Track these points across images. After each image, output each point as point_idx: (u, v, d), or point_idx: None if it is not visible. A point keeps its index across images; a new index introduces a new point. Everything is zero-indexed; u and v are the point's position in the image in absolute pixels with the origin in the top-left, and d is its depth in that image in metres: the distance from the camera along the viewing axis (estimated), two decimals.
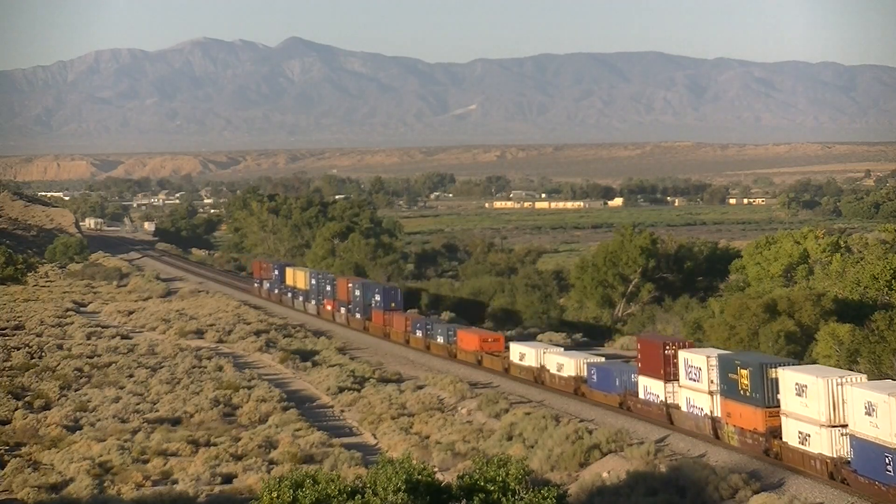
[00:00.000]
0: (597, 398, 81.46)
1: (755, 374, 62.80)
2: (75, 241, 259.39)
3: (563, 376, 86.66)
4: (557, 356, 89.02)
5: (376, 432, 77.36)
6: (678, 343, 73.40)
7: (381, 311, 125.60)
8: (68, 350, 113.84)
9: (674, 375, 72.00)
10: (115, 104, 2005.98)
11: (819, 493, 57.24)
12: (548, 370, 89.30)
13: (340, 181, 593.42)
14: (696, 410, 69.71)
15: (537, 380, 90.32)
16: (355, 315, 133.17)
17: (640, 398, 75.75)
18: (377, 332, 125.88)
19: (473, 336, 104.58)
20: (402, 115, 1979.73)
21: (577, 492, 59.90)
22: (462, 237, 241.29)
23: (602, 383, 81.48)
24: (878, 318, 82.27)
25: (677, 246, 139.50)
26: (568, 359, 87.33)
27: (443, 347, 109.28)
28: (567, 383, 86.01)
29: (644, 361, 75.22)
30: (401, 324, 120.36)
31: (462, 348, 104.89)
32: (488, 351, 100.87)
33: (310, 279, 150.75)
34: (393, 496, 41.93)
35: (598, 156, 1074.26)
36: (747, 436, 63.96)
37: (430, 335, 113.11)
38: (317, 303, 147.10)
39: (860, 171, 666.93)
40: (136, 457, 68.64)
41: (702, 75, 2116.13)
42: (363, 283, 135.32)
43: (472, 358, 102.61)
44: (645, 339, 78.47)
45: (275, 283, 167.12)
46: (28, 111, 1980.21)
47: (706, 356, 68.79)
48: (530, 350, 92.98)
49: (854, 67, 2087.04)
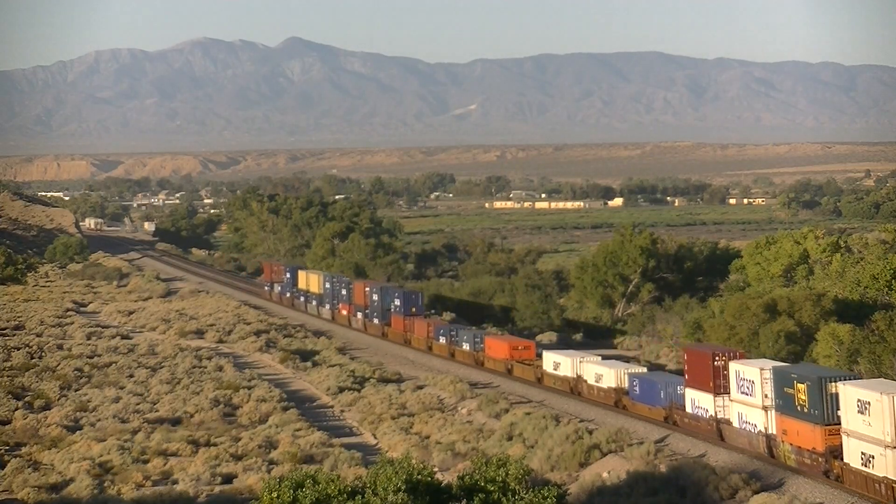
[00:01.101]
0: (640, 412, 76.46)
1: (813, 388, 58.50)
2: (75, 241, 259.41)
3: (603, 388, 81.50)
4: (596, 366, 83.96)
5: (376, 432, 77.35)
6: (728, 353, 68.69)
7: (400, 316, 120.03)
8: (68, 350, 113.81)
9: (724, 388, 67.39)
10: (115, 104, 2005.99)
11: (819, 493, 57.23)
12: (585, 381, 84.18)
13: (340, 181, 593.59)
14: (749, 427, 65.06)
15: (573, 391, 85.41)
16: (373, 320, 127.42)
17: (687, 412, 71.17)
18: (397, 338, 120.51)
19: (503, 343, 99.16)
20: (402, 115, 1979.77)
21: (577, 492, 59.90)
22: (462, 237, 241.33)
23: (646, 396, 76.38)
24: (878, 318, 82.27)
25: (677, 246, 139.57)
26: (607, 369, 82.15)
27: (469, 355, 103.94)
28: (607, 395, 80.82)
29: (691, 373, 70.54)
30: (423, 330, 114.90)
31: (490, 356, 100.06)
32: (519, 359, 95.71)
33: (324, 283, 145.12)
34: (393, 496, 41.93)
35: (598, 156, 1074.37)
36: (805, 455, 59.36)
37: (454, 342, 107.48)
38: (331, 307, 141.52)
39: (860, 171, 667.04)
40: (136, 457, 68.63)
41: (702, 75, 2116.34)
42: (381, 287, 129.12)
43: (501, 367, 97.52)
44: (692, 348, 73.56)
45: (286, 286, 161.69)
46: (28, 111, 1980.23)
47: (759, 368, 64.16)
48: (565, 359, 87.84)
49: (854, 67, 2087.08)
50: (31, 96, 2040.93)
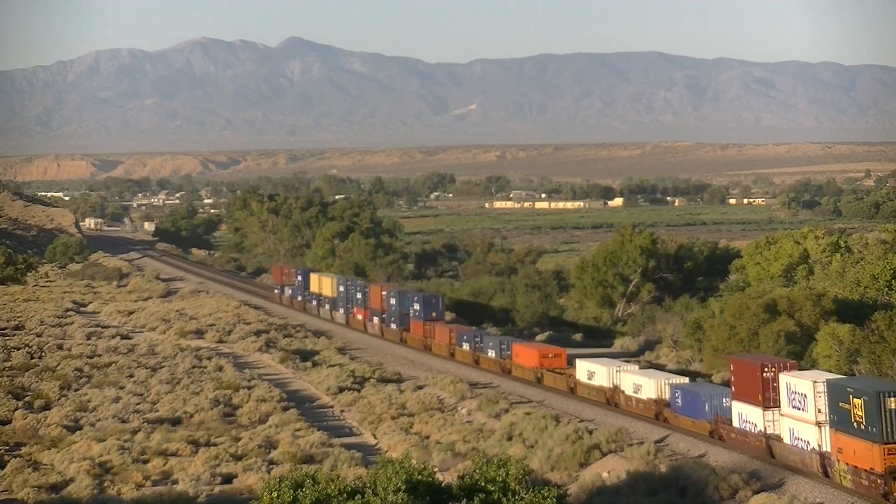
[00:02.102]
0: (682, 425, 71.93)
1: (870, 403, 54.47)
2: (75, 241, 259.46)
3: (642, 399, 76.81)
4: (634, 375, 79.37)
5: (376, 432, 77.38)
6: (779, 364, 64.38)
7: (420, 321, 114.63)
8: (68, 350, 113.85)
9: (774, 402, 63.18)
10: (115, 104, 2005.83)
11: (819, 493, 57.22)
12: (622, 391, 79.37)
13: (340, 181, 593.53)
14: (801, 444, 60.77)
15: (610, 402, 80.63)
16: (390, 325, 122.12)
17: (734, 427, 66.67)
18: (416, 344, 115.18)
19: (531, 351, 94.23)
20: (402, 115, 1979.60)
21: (577, 492, 59.91)
22: (462, 237, 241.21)
23: (689, 408, 71.78)
24: (878, 318, 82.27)
25: (677, 246, 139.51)
26: (647, 379, 77.29)
27: (495, 363, 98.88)
28: (647, 407, 76.14)
29: (738, 384, 66.04)
30: (444, 335, 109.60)
31: (518, 364, 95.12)
32: (549, 367, 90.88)
33: (337, 286, 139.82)
34: (393, 496, 41.95)
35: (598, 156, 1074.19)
36: (862, 476, 55.31)
37: (479, 349, 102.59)
38: (346, 311, 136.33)
39: (860, 171, 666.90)
40: (136, 457, 68.66)
41: (702, 75, 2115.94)
42: (399, 291, 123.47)
43: (529, 375, 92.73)
44: (739, 359, 68.54)
45: (298, 289, 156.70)
46: (28, 111, 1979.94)
47: (812, 381, 60.04)
48: (600, 368, 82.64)
49: (854, 67, 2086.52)
50: (31, 96, 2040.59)
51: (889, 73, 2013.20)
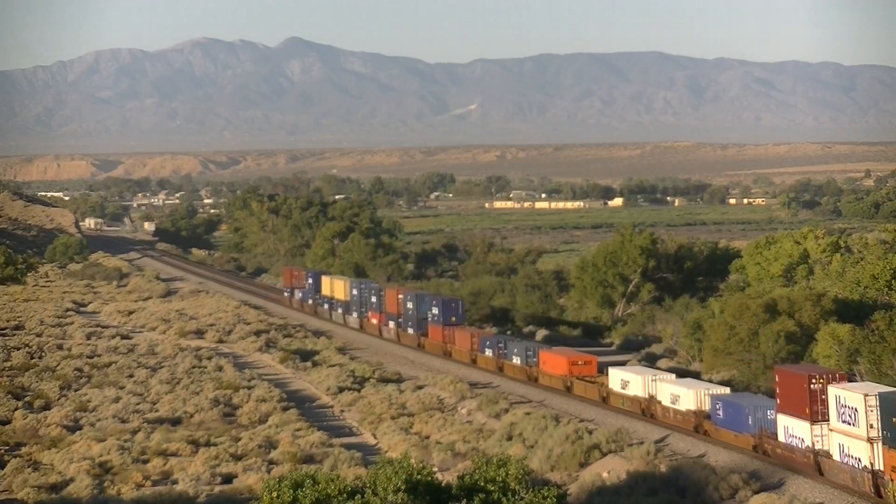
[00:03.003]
0: (724, 438, 67.98)
1: None
2: (75, 241, 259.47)
3: (680, 410, 72.89)
4: (671, 385, 75.30)
5: (376, 432, 77.39)
6: (827, 375, 60.56)
7: (439, 325, 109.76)
8: (68, 350, 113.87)
9: (822, 415, 59.47)
10: (115, 104, 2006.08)
11: (819, 493, 57.21)
12: (659, 402, 75.57)
13: (340, 181, 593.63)
14: (851, 461, 56.96)
15: (645, 413, 76.65)
16: (407, 330, 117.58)
17: (780, 441, 62.81)
18: (435, 349, 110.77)
19: (560, 358, 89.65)
20: (402, 115, 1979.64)
21: (577, 492, 59.93)
22: (462, 237, 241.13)
23: (731, 420, 67.76)
24: (878, 318, 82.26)
25: (677, 246, 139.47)
26: (685, 389, 73.21)
27: (520, 370, 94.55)
28: (685, 419, 72.36)
29: (784, 396, 62.44)
30: (465, 341, 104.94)
31: (546, 372, 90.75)
32: (579, 375, 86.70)
33: (350, 289, 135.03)
34: (393, 496, 41.95)
35: (598, 156, 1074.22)
36: None
37: (503, 355, 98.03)
38: (359, 315, 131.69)
39: (860, 171, 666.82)
40: (136, 457, 68.68)
41: (702, 75, 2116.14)
42: (417, 295, 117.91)
43: (558, 384, 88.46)
44: (785, 369, 64.44)
45: (308, 292, 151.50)
46: (28, 111, 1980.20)
47: (863, 394, 56.35)
48: (635, 376, 78.76)
49: (854, 67, 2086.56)
50: (31, 96, 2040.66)
51: (889, 73, 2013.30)
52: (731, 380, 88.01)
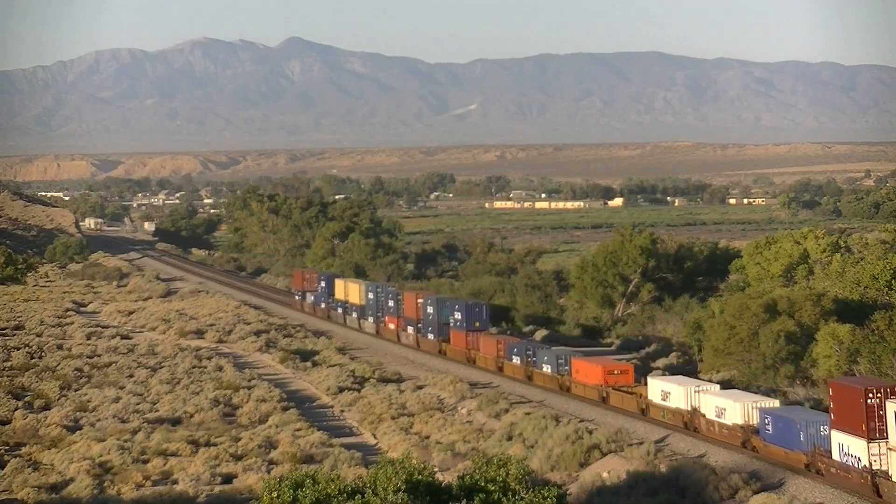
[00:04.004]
0: (774, 455, 63.33)
1: None
2: (75, 241, 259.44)
3: (727, 424, 68.11)
4: (716, 397, 70.53)
5: (376, 432, 77.40)
6: (886, 389, 55.77)
7: (462, 331, 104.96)
8: (68, 350, 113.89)
9: (880, 433, 55.18)
10: (115, 104, 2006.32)
11: (819, 493, 57.19)
12: (703, 415, 70.70)
13: (340, 181, 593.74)
14: None
15: (688, 426, 71.99)
16: (427, 336, 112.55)
17: (834, 460, 58.48)
18: (458, 356, 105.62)
19: (595, 367, 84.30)
20: (402, 115, 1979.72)
21: (577, 492, 59.94)
22: (462, 237, 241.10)
23: (781, 436, 62.98)
24: (878, 318, 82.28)
25: (677, 246, 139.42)
26: (731, 401, 68.36)
27: (551, 379, 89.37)
28: (732, 434, 67.53)
29: (839, 412, 58.09)
30: (491, 347, 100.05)
31: (579, 381, 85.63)
32: (615, 385, 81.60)
33: (366, 293, 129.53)
34: (393, 496, 41.96)
35: (598, 156, 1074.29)
36: None
37: (531, 363, 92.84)
38: (375, 320, 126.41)
39: (860, 171, 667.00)
40: (136, 457, 68.69)
41: (702, 75, 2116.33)
42: (438, 299, 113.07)
43: (592, 394, 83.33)
44: (840, 382, 60.12)
45: (321, 296, 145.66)
46: (28, 111, 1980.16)
47: None
48: (677, 388, 73.93)
49: (854, 67, 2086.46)
50: (31, 96, 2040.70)
51: (889, 73, 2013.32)
52: (731, 379, 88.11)
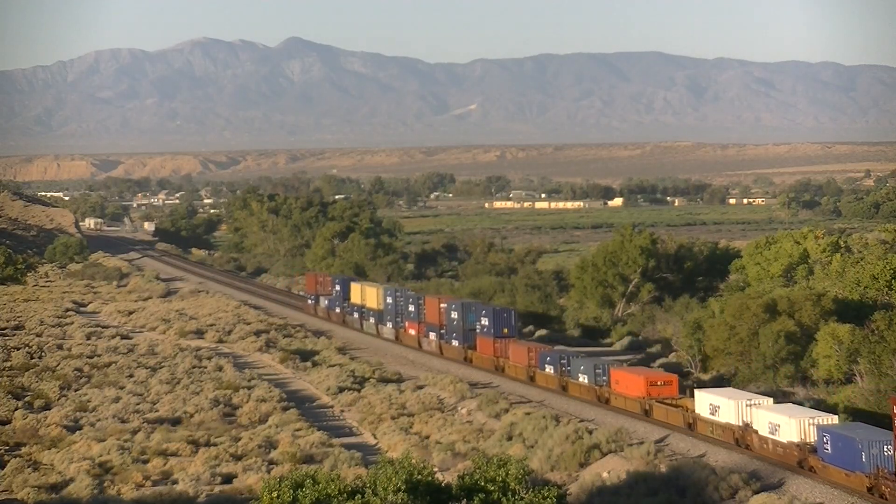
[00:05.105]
0: (834, 477, 58.71)
1: None
2: (75, 241, 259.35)
3: (781, 442, 63.39)
4: (770, 412, 65.42)
5: (376, 432, 77.41)
6: None
7: (489, 338, 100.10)
8: (68, 350, 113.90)
9: None
10: (115, 104, 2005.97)
11: (819, 493, 57.18)
12: (755, 431, 65.88)
13: (340, 181, 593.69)
14: None
15: (739, 443, 67.33)
16: (451, 342, 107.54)
17: None
18: (485, 364, 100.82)
19: (636, 377, 79.24)
20: (402, 115, 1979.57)
21: (577, 492, 59.95)
22: (462, 237, 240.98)
23: (841, 456, 58.32)
24: (878, 318, 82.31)
25: (677, 246, 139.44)
26: (786, 417, 63.59)
27: (588, 390, 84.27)
28: (787, 452, 62.81)
29: None
30: (521, 356, 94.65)
31: (619, 393, 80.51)
32: (659, 398, 76.60)
33: (384, 297, 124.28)
34: (393, 496, 41.98)
35: (598, 156, 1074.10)
36: None
37: (566, 373, 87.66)
38: (395, 326, 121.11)
39: (860, 171, 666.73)
40: (136, 457, 68.71)
41: (702, 75, 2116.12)
42: (463, 304, 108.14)
43: (634, 406, 78.30)
44: None
45: (335, 300, 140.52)
46: (28, 111, 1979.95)
47: None
48: (727, 401, 68.99)
49: (854, 67, 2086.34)
50: (31, 96, 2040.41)
51: (889, 73, 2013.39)
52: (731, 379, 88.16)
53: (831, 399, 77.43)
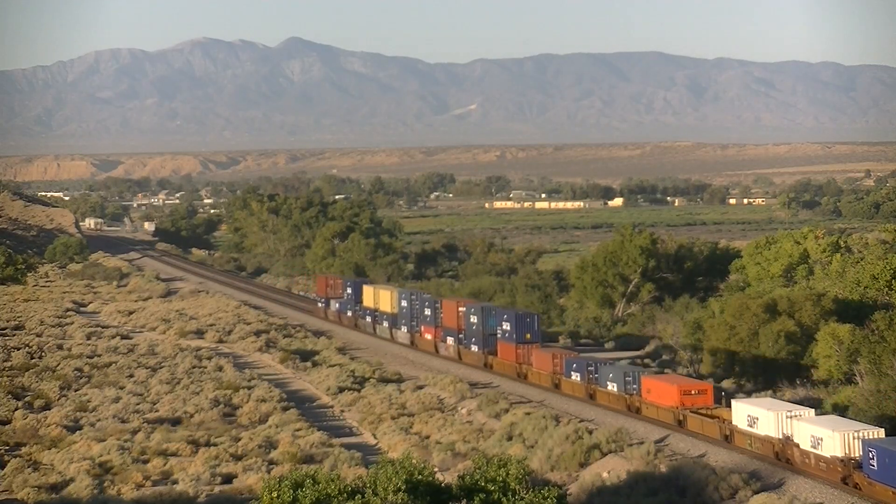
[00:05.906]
0: (880, 495, 55.16)
1: None
2: (75, 241, 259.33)
3: (824, 456, 59.71)
4: (811, 425, 61.74)
5: (376, 432, 77.42)
6: None
7: (511, 343, 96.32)
8: (68, 350, 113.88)
9: None
10: (115, 104, 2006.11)
11: (819, 493, 57.16)
12: (797, 445, 62.11)
13: (340, 181, 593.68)
14: None
15: (779, 457, 63.49)
16: (470, 347, 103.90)
17: None
18: (506, 370, 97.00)
19: (669, 386, 75.28)
20: (402, 115, 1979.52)
21: (577, 492, 59.96)
22: (462, 237, 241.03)
23: (889, 473, 54.35)
24: (878, 318, 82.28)
25: (677, 246, 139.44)
26: (829, 430, 59.76)
27: (618, 399, 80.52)
28: (830, 468, 59.18)
29: None
30: (546, 362, 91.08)
31: (650, 402, 76.62)
32: (693, 407, 73.05)
33: (399, 300, 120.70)
34: (393, 496, 41.97)
35: (598, 156, 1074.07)
36: None
37: (594, 380, 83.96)
38: (410, 330, 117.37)
39: (860, 171, 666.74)
40: (136, 457, 68.72)
41: (702, 75, 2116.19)
42: (483, 307, 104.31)
43: (667, 416, 74.60)
44: None
45: (347, 303, 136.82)
46: (28, 111, 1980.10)
47: None
48: (766, 413, 64.96)
49: (854, 67, 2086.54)
50: (31, 96, 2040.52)
51: (889, 73, 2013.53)
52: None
53: (831, 399, 77.44)
